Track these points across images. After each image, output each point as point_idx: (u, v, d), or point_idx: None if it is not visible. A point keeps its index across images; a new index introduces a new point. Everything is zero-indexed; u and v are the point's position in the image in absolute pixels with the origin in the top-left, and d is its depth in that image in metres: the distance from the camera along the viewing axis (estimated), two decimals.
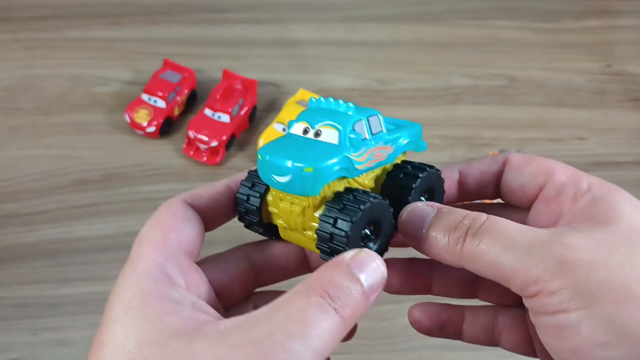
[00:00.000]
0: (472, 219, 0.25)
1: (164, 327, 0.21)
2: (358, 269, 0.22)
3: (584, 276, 0.22)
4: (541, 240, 0.23)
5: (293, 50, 0.80)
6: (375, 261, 0.23)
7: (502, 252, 0.23)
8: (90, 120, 0.71)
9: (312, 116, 0.27)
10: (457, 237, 0.25)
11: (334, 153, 0.25)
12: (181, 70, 0.73)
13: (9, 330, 0.55)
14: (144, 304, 0.22)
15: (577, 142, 0.72)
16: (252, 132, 0.71)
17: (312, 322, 0.20)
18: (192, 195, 0.27)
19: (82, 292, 0.57)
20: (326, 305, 0.21)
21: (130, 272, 0.23)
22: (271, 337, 0.20)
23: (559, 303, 0.22)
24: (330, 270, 0.22)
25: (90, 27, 0.81)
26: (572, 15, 0.87)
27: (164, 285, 0.23)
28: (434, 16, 0.86)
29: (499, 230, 0.24)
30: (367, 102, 0.74)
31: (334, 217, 0.25)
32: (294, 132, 0.27)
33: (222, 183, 0.28)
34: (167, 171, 0.67)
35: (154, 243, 0.24)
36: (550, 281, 0.22)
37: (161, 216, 0.26)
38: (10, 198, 0.63)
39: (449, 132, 0.72)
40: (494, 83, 0.78)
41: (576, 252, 0.23)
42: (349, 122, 0.26)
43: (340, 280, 0.22)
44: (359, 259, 0.23)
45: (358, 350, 0.55)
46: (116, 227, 0.62)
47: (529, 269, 0.23)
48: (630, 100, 0.77)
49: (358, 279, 0.22)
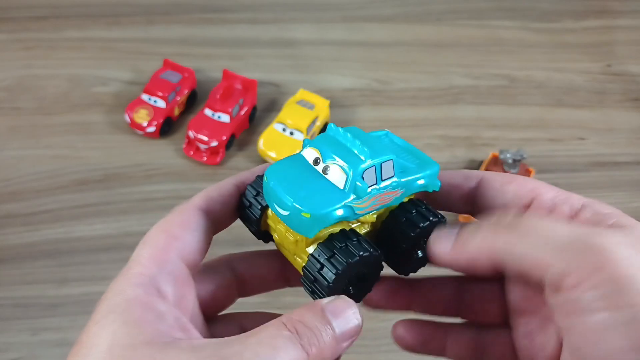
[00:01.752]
0: (510, 214, 0.24)
1: (139, 332, 0.21)
2: (332, 314, 0.23)
3: (631, 272, 0.21)
4: (582, 231, 0.22)
5: (293, 50, 0.80)
6: (352, 309, 0.23)
7: (541, 241, 0.23)
8: (90, 120, 0.71)
9: (326, 147, 0.26)
10: (493, 226, 0.24)
11: (336, 200, 0.25)
12: (181, 70, 0.73)
13: (9, 330, 0.55)
14: (125, 309, 0.22)
15: (577, 142, 0.72)
16: (252, 132, 0.71)
17: (280, 349, 0.21)
18: (206, 201, 0.27)
19: (82, 292, 0.57)
20: (295, 339, 0.22)
21: (123, 276, 0.24)
22: (241, 356, 0.21)
23: (603, 298, 0.21)
24: (305, 311, 0.23)
25: (90, 27, 0.81)
26: (572, 15, 0.87)
27: (151, 296, 0.23)
28: (434, 16, 0.86)
29: (539, 221, 0.23)
30: (367, 102, 0.74)
31: (321, 263, 0.25)
32: (305, 155, 0.27)
33: (229, 184, 0.28)
34: (167, 171, 0.67)
35: (154, 250, 0.24)
36: (594, 272, 0.21)
37: (170, 222, 0.26)
38: (10, 198, 0.63)
39: (449, 132, 0.72)
40: (494, 83, 0.78)
41: (618, 245, 0.22)
42: (358, 169, 0.25)
43: (311, 321, 0.22)
44: (335, 305, 0.23)
45: (358, 351, 0.55)
46: (116, 227, 0.61)
47: (570, 256, 0.22)
48: (630, 100, 0.77)
49: (330, 323, 0.23)
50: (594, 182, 0.68)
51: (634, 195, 0.67)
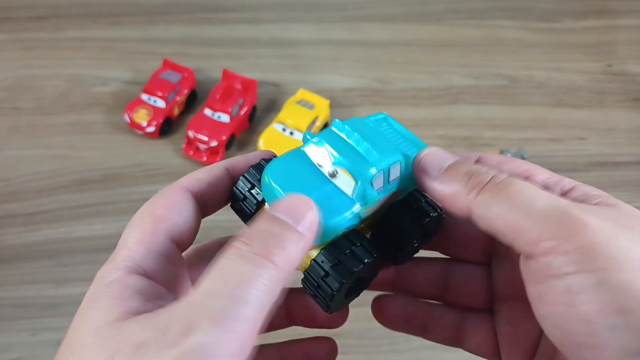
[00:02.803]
0: (496, 171, 0.24)
1: (106, 313, 0.21)
2: (278, 211, 0.22)
3: (604, 240, 0.21)
4: (563, 203, 0.22)
5: (293, 50, 0.80)
6: (299, 199, 0.22)
7: (521, 205, 0.22)
8: (90, 120, 0.71)
9: (333, 147, 0.25)
10: (476, 182, 0.24)
11: (344, 209, 0.24)
12: (181, 70, 0.73)
13: (9, 330, 0.55)
14: (101, 294, 0.21)
15: (577, 142, 0.72)
16: (252, 132, 0.71)
17: (233, 274, 0.20)
18: (191, 181, 0.26)
19: (82, 292, 0.56)
20: (246, 253, 0.20)
21: (109, 263, 0.23)
22: (197, 304, 0.19)
23: (576, 262, 0.21)
24: (256, 224, 0.22)
25: (90, 27, 0.81)
26: (572, 15, 0.87)
27: (131, 275, 0.22)
28: (434, 16, 0.86)
29: (523, 185, 0.23)
30: (367, 102, 0.74)
31: (325, 271, 0.24)
32: (308, 153, 0.25)
33: (220, 167, 0.27)
34: (167, 171, 0.67)
35: (142, 233, 0.24)
36: (568, 239, 0.21)
37: (156, 204, 0.25)
38: (10, 198, 0.63)
39: (449, 132, 0.72)
40: (494, 83, 0.78)
41: (596, 217, 0.22)
42: (367, 177, 0.24)
43: (260, 226, 0.21)
44: (279, 205, 0.22)
45: (358, 351, 0.55)
46: (116, 227, 0.61)
47: (546, 223, 0.21)
48: (630, 100, 0.77)
49: (278, 219, 0.21)
50: (594, 182, 0.68)
51: (634, 195, 0.67)
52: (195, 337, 0.18)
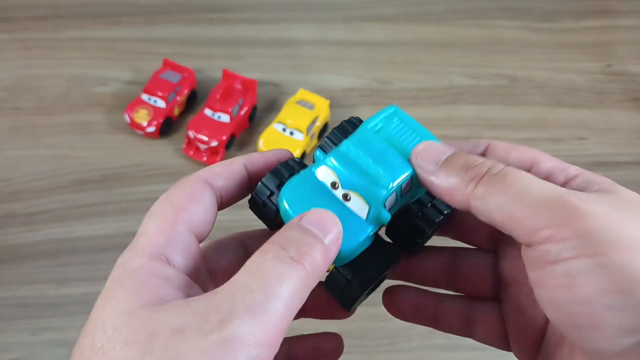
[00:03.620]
0: (493, 162, 0.25)
1: (137, 297, 0.21)
2: (311, 224, 0.23)
3: (600, 225, 0.21)
4: (559, 191, 0.23)
5: (293, 50, 0.80)
6: (329, 215, 0.23)
7: (517, 195, 0.23)
8: (90, 120, 0.71)
9: (342, 169, 0.25)
10: (473, 175, 0.24)
11: (361, 232, 0.25)
12: (181, 70, 0.73)
13: (9, 330, 0.55)
14: (128, 278, 0.22)
15: (577, 142, 0.72)
16: (252, 132, 0.71)
17: (270, 273, 0.21)
18: (210, 174, 0.26)
19: (82, 292, 0.57)
20: (282, 256, 0.21)
21: (130, 250, 0.23)
22: (234, 296, 0.20)
23: (573, 248, 0.21)
24: (286, 231, 0.23)
25: (90, 27, 0.81)
26: (572, 15, 0.87)
27: (157, 262, 0.23)
28: (434, 16, 0.86)
29: (519, 175, 0.24)
30: (367, 102, 0.74)
31: (347, 280, 0.25)
32: (320, 176, 0.26)
33: (239, 162, 0.28)
34: (167, 171, 0.67)
35: (162, 222, 0.24)
36: (564, 226, 0.22)
37: (175, 194, 0.25)
38: (10, 198, 0.63)
39: (449, 132, 0.72)
40: (494, 83, 0.78)
41: (592, 204, 0.22)
42: (380, 199, 0.25)
43: (296, 237, 0.22)
44: (309, 215, 0.23)
45: (358, 351, 0.55)
46: (116, 227, 0.61)
47: (543, 212, 0.22)
48: (630, 100, 0.77)
49: (311, 231, 0.22)
50: None
51: None
52: (234, 325, 0.19)
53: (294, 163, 0.27)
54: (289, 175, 0.26)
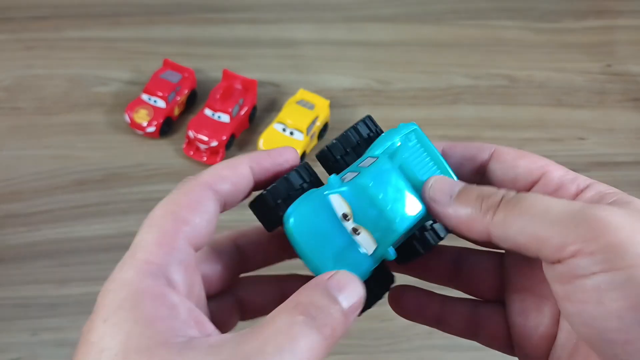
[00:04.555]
0: (505, 190, 0.25)
1: (154, 332, 0.20)
2: (337, 289, 0.23)
3: (627, 237, 0.21)
4: (577, 206, 0.23)
5: (293, 50, 0.80)
6: (354, 282, 0.23)
7: (538, 216, 0.23)
8: (90, 120, 0.71)
9: (358, 202, 0.26)
10: (489, 204, 0.24)
11: (363, 267, 0.25)
12: (181, 70, 0.73)
13: (9, 330, 0.55)
14: (135, 305, 0.21)
15: (577, 142, 0.72)
16: (252, 132, 0.71)
17: (299, 337, 0.21)
18: (215, 179, 0.25)
19: (82, 292, 0.57)
20: (309, 322, 0.21)
21: (128, 263, 0.22)
22: (262, 350, 0.20)
23: (603, 262, 0.21)
24: (311, 291, 0.23)
25: (90, 27, 0.81)
26: (572, 15, 0.87)
27: (161, 287, 0.22)
28: (434, 16, 0.86)
29: (534, 197, 0.24)
30: (367, 102, 0.74)
31: None
32: (333, 203, 0.26)
33: (244, 165, 0.26)
34: (167, 171, 0.67)
35: (162, 235, 0.23)
36: (592, 240, 0.21)
37: (178, 202, 0.24)
38: (10, 198, 0.63)
39: (449, 132, 0.72)
40: (494, 83, 0.78)
41: (616, 216, 0.22)
42: (389, 241, 0.25)
43: (320, 301, 0.22)
44: (338, 280, 0.23)
45: (358, 351, 0.55)
46: (116, 227, 0.61)
47: (568, 228, 0.22)
48: (630, 100, 0.77)
49: (337, 300, 0.22)
50: None
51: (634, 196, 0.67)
52: None
53: (306, 173, 0.27)
54: (301, 183, 0.26)
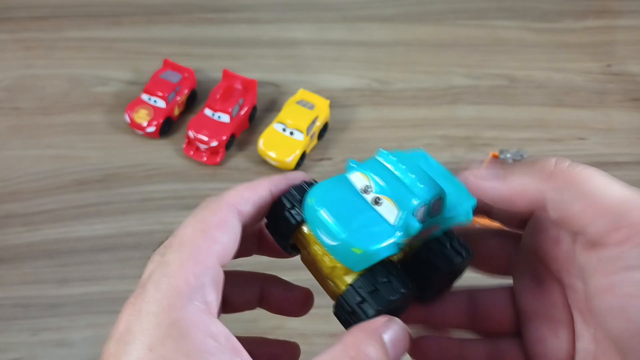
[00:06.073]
0: (557, 158, 0.24)
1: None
2: (392, 346, 0.22)
3: None
4: (636, 195, 0.22)
5: (293, 50, 0.80)
6: (406, 337, 0.23)
7: (596, 191, 0.22)
8: (90, 120, 0.71)
9: (377, 175, 0.25)
10: (543, 170, 0.24)
11: (387, 236, 0.24)
12: (181, 70, 0.73)
13: (9, 330, 0.55)
14: (182, 335, 0.20)
15: (577, 142, 0.72)
16: (252, 132, 0.71)
17: None
18: (238, 200, 0.25)
19: (82, 292, 0.57)
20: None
21: (164, 283, 0.21)
22: None
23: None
24: (368, 341, 0.22)
25: (90, 27, 0.81)
26: (572, 15, 0.87)
27: (203, 315, 0.21)
28: (434, 16, 0.86)
29: (593, 172, 0.23)
30: (367, 102, 0.74)
31: (362, 297, 0.24)
32: (353, 180, 0.26)
33: (264, 188, 0.26)
34: (167, 171, 0.67)
35: (196, 254, 0.22)
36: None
37: (207, 221, 0.24)
38: (10, 198, 0.63)
39: (449, 132, 0.72)
40: (494, 83, 0.78)
41: None
42: (411, 207, 0.25)
43: (374, 354, 0.22)
44: (396, 336, 0.23)
45: None
46: (116, 227, 0.61)
47: (622, 212, 0.21)
48: (630, 100, 0.77)
49: (389, 355, 0.22)
50: None
51: None
52: None
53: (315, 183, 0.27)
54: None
